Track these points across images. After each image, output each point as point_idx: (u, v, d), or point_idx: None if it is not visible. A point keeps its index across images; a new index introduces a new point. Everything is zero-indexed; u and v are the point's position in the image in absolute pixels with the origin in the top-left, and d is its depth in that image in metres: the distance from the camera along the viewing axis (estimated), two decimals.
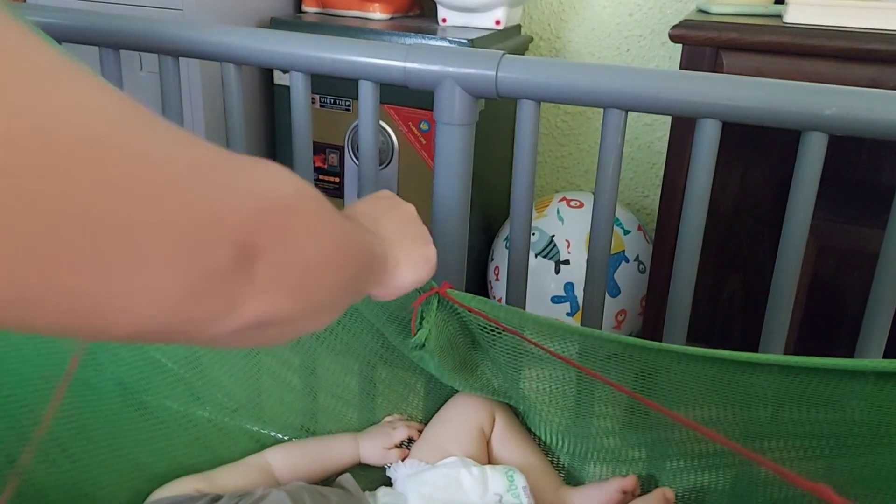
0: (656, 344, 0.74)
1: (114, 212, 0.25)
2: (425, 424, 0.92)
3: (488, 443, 0.87)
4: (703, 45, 1.23)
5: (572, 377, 0.84)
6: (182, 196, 0.28)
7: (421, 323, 0.80)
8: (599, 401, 0.86)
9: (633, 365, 0.78)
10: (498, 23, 1.58)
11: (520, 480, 0.80)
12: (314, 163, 1.14)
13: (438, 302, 0.81)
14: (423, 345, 0.80)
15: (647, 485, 0.86)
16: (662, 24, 1.70)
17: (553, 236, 1.59)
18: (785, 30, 1.19)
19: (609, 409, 0.86)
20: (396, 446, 0.89)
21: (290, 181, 0.36)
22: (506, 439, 0.87)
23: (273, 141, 1.71)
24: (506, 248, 1.60)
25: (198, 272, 0.28)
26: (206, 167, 0.30)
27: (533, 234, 1.54)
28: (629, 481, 0.82)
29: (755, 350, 0.92)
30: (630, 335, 1.62)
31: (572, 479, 0.90)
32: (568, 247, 1.58)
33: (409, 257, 0.60)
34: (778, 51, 1.19)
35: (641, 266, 1.61)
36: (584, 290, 0.98)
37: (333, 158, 1.63)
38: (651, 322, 1.39)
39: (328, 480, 0.86)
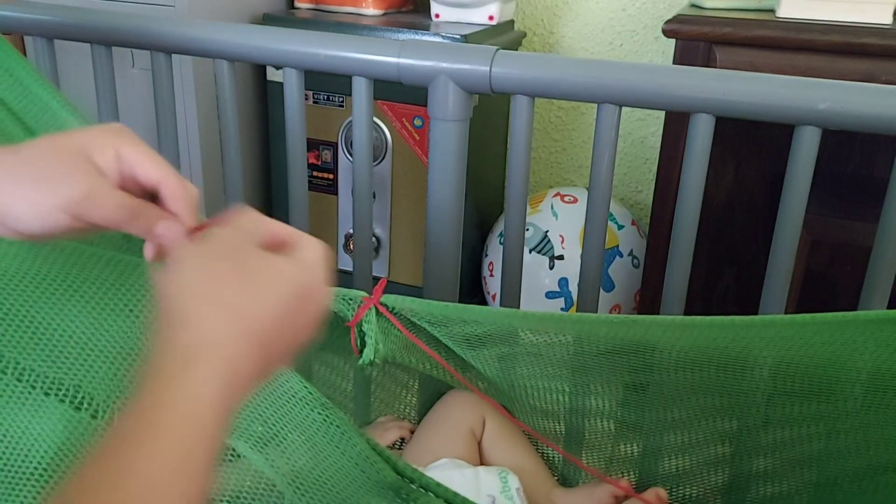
0: (646, 318, 0.72)
1: None
2: (419, 424, 0.91)
3: (480, 444, 0.87)
4: (696, 40, 1.22)
5: (564, 377, 0.84)
6: None
7: (364, 340, 0.77)
8: (594, 394, 0.85)
9: (627, 360, 0.78)
10: (491, 18, 1.58)
11: (513, 482, 0.80)
12: (308, 159, 1.14)
13: (377, 313, 0.78)
14: (373, 361, 0.77)
15: (640, 485, 0.86)
16: (656, 19, 1.70)
17: (547, 232, 1.59)
18: (778, 24, 1.19)
19: (603, 403, 0.85)
20: (388, 447, 0.88)
21: None
22: (497, 440, 0.87)
23: (266, 138, 1.70)
24: (500, 243, 1.60)
25: None
26: None
27: (527, 229, 1.54)
28: (622, 483, 0.82)
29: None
30: None
31: (567, 481, 0.89)
32: (562, 242, 1.58)
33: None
34: (771, 45, 1.19)
35: (635, 261, 1.61)
36: (579, 286, 0.98)
37: (327, 155, 1.63)
38: None
39: None
